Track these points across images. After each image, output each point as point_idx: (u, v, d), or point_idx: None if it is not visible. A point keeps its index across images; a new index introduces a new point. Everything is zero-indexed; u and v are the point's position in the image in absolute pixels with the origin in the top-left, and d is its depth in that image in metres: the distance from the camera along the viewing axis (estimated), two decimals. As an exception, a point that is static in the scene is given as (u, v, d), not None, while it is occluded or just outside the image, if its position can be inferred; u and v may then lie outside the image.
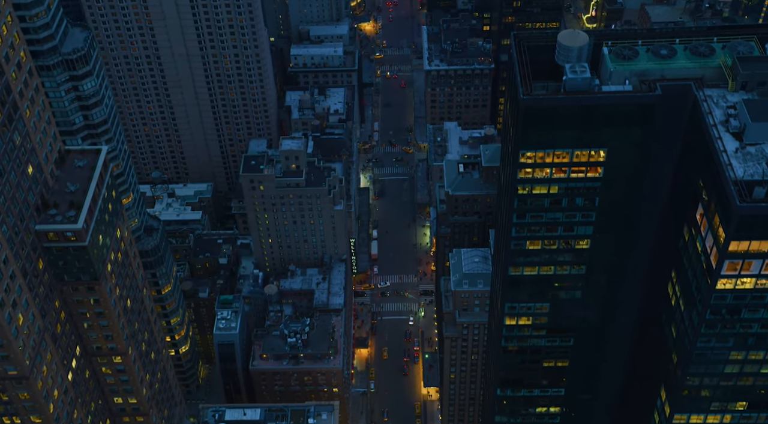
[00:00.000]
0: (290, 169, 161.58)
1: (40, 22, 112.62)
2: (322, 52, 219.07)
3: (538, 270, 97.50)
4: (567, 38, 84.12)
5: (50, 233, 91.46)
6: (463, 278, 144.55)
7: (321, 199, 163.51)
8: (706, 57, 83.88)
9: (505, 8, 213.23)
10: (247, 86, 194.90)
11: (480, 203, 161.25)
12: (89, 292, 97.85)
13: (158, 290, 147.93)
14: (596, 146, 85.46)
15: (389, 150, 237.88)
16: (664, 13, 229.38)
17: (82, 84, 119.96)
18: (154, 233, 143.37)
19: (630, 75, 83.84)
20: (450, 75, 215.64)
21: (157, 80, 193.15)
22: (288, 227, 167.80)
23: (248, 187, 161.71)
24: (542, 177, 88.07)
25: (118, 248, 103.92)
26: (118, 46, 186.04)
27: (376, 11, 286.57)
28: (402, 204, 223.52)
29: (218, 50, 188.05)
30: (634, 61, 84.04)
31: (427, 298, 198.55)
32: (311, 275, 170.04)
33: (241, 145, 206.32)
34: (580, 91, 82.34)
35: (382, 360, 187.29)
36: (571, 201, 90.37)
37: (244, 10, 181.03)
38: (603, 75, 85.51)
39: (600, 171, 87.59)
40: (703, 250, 79.64)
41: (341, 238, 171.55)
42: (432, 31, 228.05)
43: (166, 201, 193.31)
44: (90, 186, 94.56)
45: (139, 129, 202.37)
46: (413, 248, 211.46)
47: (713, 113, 79.10)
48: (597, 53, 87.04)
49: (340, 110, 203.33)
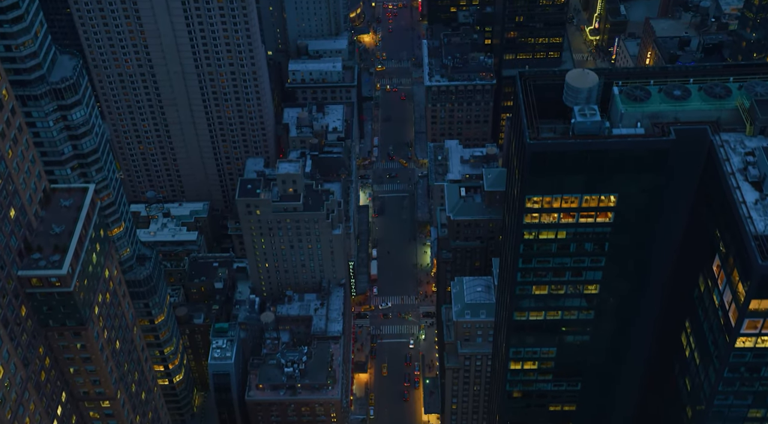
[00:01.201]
0: (287, 193, 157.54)
1: (26, 51, 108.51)
2: (320, 67, 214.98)
3: (544, 315, 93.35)
4: (576, 79, 79.91)
5: (33, 278, 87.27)
6: (465, 308, 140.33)
7: (319, 223, 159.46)
8: (722, 99, 79.62)
9: (508, 23, 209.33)
10: (244, 104, 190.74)
11: (482, 228, 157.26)
12: (75, 337, 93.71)
13: (151, 320, 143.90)
14: (606, 191, 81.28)
15: (389, 166, 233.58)
16: (669, 27, 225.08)
17: (70, 113, 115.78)
18: (147, 262, 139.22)
19: (642, 117, 79.63)
20: (451, 91, 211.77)
21: (152, 98, 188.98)
22: (285, 251, 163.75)
23: (244, 212, 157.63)
24: (549, 222, 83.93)
25: (106, 289, 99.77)
26: (112, 64, 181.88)
27: (376, 22, 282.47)
28: (402, 222, 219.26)
29: (214, 68, 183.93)
30: (646, 102, 79.82)
31: (428, 320, 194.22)
32: (309, 300, 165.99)
33: (238, 163, 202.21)
34: (589, 135, 78.15)
35: (382, 385, 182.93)
36: (579, 246, 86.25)
37: (241, 28, 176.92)
38: (613, 116, 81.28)
39: (610, 216, 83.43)
40: (720, 304, 75.46)
41: (340, 262, 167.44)
42: (432, 46, 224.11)
43: (161, 221, 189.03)
44: (76, 227, 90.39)
45: (134, 147, 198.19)
46: (413, 267, 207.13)
47: (731, 160, 74.93)
48: (607, 92, 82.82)
49: (339, 128, 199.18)
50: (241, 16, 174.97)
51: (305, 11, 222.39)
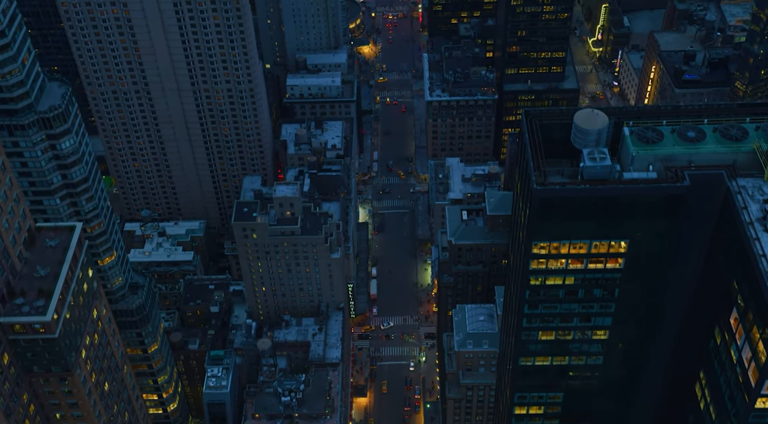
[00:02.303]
0: (285, 216, 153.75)
1: (13, 79, 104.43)
2: (319, 82, 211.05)
3: (551, 360, 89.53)
4: (585, 120, 76.02)
5: (17, 325, 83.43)
6: (467, 338, 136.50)
7: (317, 247, 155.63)
8: (739, 141, 75.78)
9: (510, 37, 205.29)
10: (241, 121, 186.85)
11: (485, 253, 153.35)
12: (61, 383, 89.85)
13: (144, 349, 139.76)
14: (617, 237, 77.47)
15: (389, 181, 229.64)
16: (674, 40, 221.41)
17: (59, 143, 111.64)
18: (140, 290, 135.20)
19: (654, 160, 75.78)
20: (452, 106, 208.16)
21: (147, 115, 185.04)
22: (282, 275, 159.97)
23: (240, 236, 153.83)
24: (557, 268, 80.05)
25: (94, 330, 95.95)
26: (106, 82, 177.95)
27: (376, 33, 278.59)
28: (402, 239, 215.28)
29: (210, 85, 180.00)
30: (659, 144, 75.97)
31: (429, 341, 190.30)
32: (307, 325, 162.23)
33: (235, 180, 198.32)
34: (599, 180, 74.28)
35: (382, 409, 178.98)
36: (588, 292, 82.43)
37: (237, 44, 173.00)
38: (624, 158, 77.42)
39: (621, 262, 79.62)
40: (738, 361, 71.58)
41: (338, 285, 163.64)
42: (433, 59, 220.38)
43: (156, 241, 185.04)
44: (62, 270, 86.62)
45: (128, 165, 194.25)
46: (414, 286, 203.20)
47: (749, 208, 71.03)
48: (617, 132, 79.02)
49: (338, 145, 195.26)
50: (238, 32, 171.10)
51: (304, 24, 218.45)
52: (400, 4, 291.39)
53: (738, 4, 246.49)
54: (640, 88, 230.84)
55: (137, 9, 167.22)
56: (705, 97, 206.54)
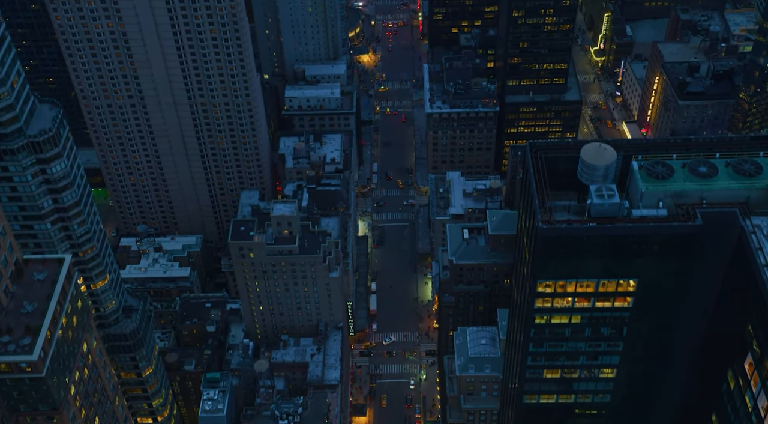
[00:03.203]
0: (282, 235, 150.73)
1: (2, 103, 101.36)
2: (318, 94, 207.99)
3: (556, 398, 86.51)
4: (592, 155, 73.05)
5: (2, 364, 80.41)
6: (468, 362, 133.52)
7: (315, 266, 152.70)
8: (752, 176, 72.84)
9: (511, 49, 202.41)
10: (239, 136, 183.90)
11: (486, 272, 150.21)
12: (49, 421, 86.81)
13: (138, 373, 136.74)
14: (626, 276, 74.55)
15: (389, 194, 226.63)
16: (678, 51, 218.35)
17: (50, 167, 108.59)
18: (134, 313, 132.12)
19: (664, 196, 72.86)
20: (453, 118, 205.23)
21: (143, 129, 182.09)
22: (280, 294, 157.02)
23: (237, 255, 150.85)
24: (563, 307, 77.06)
25: (84, 364, 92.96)
26: (101, 95, 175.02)
27: (375, 42, 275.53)
28: (402, 253, 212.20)
29: (207, 99, 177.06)
30: (669, 180, 73.05)
31: (430, 358, 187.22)
32: (305, 345, 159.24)
33: (233, 194, 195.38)
34: (607, 218, 71.32)
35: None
36: (595, 331, 79.51)
37: (235, 58, 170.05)
38: (633, 194, 74.47)
39: (629, 301, 76.67)
40: (754, 409, 68.58)
41: (337, 305, 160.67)
42: (434, 70, 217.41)
43: (152, 256, 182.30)
44: (50, 305, 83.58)
45: (124, 179, 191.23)
46: (414, 302, 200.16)
47: (764, 249, 68.03)
48: (625, 165, 76.05)
49: (337, 159, 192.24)
50: (235, 46, 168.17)
51: (302, 35, 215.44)
52: (400, 12, 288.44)
53: (742, 13, 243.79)
54: (644, 99, 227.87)
55: (133, 23, 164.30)
56: (709, 109, 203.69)
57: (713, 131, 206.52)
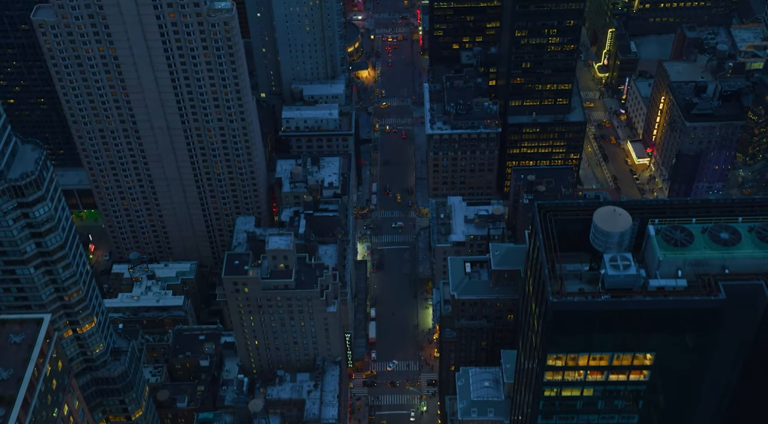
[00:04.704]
0: (278, 268, 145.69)
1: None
2: (316, 115, 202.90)
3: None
4: (606, 221, 67.99)
5: (-25, 438, 75.33)
6: (471, 406, 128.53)
7: (312, 301, 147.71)
8: (778, 244, 67.85)
9: (514, 69, 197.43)
10: (234, 160, 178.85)
11: (489, 308, 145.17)
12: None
13: (128, 416, 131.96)
14: (642, 350, 69.49)
15: (389, 215, 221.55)
16: (684, 70, 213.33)
17: (32, 211, 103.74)
18: (123, 355, 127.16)
19: (683, 264, 67.81)
20: (454, 139, 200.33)
21: (135, 154, 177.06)
22: (276, 329, 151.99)
23: (231, 290, 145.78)
24: (574, 379, 71.99)
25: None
26: (92, 120, 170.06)
27: (375, 56, 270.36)
28: (402, 277, 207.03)
29: (202, 123, 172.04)
30: (689, 247, 67.94)
31: (431, 389, 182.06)
32: (302, 381, 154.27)
33: (228, 219, 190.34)
34: (622, 290, 66.25)
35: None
36: (609, 403, 74.54)
37: (230, 82, 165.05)
38: (649, 261, 69.45)
39: (646, 374, 71.59)
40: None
41: (335, 339, 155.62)
42: (434, 89, 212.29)
43: (145, 284, 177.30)
44: (26, 373, 78.44)
45: (117, 203, 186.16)
46: (414, 329, 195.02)
47: (792, 327, 63.15)
48: (641, 226, 70.98)
49: (335, 183, 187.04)
50: (230, 70, 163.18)
51: (300, 54, 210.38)
52: (400, 26, 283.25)
53: (749, 28, 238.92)
54: (649, 118, 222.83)
55: (124, 46, 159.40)
56: (717, 131, 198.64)
57: (721, 153, 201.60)
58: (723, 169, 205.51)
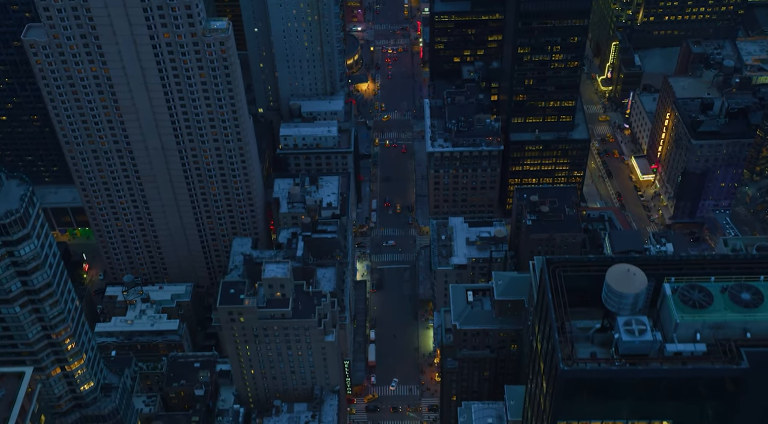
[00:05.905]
0: (274, 297, 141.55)
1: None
2: (314, 132, 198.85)
3: None
4: (619, 281, 63.90)
5: None
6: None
7: (310, 330, 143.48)
8: (804, 306, 63.80)
9: (516, 86, 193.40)
10: (230, 181, 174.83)
11: (492, 338, 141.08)
12: None
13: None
14: (658, 417, 65.41)
15: (389, 233, 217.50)
16: (690, 86, 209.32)
17: (18, 249, 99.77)
18: (113, 392, 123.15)
19: (702, 327, 63.74)
20: (455, 156, 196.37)
21: (129, 174, 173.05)
22: (273, 358, 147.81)
23: (226, 319, 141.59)
24: (585, 446, 67.93)
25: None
26: (85, 141, 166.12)
27: (375, 69, 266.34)
28: (402, 298, 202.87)
29: (197, 144, 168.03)
30: (707, 309, 63.88)
31: (431, 415, 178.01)
32: (299, 412, 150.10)
33: (225, 240, 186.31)
34: (637, 356, 62.19)
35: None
36: (621, 469, 70.11)
37: (225, 102, 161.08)
38: (666, 322, 65.38)
39: (661, 440, 67.51)
40: None
41: (333, 368, 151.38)
42: (435, 105, 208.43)
43: (139, 307, 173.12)
44: (7, 432, 74.50)
45: (111, 224, 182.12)
46: (415, 352, 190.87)
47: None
48: (657, 284, 66.85)
49: (334, 203, 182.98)
50: (226, 90, 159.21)
51: (298, 70, 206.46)
52: (400, 38, 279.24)
53: (755, 41, 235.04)
54: (654, 133, 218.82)
55: (117, 67, 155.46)
56: (723, 149, 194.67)
57: (728, 171, 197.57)
58: (730, 187, 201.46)
